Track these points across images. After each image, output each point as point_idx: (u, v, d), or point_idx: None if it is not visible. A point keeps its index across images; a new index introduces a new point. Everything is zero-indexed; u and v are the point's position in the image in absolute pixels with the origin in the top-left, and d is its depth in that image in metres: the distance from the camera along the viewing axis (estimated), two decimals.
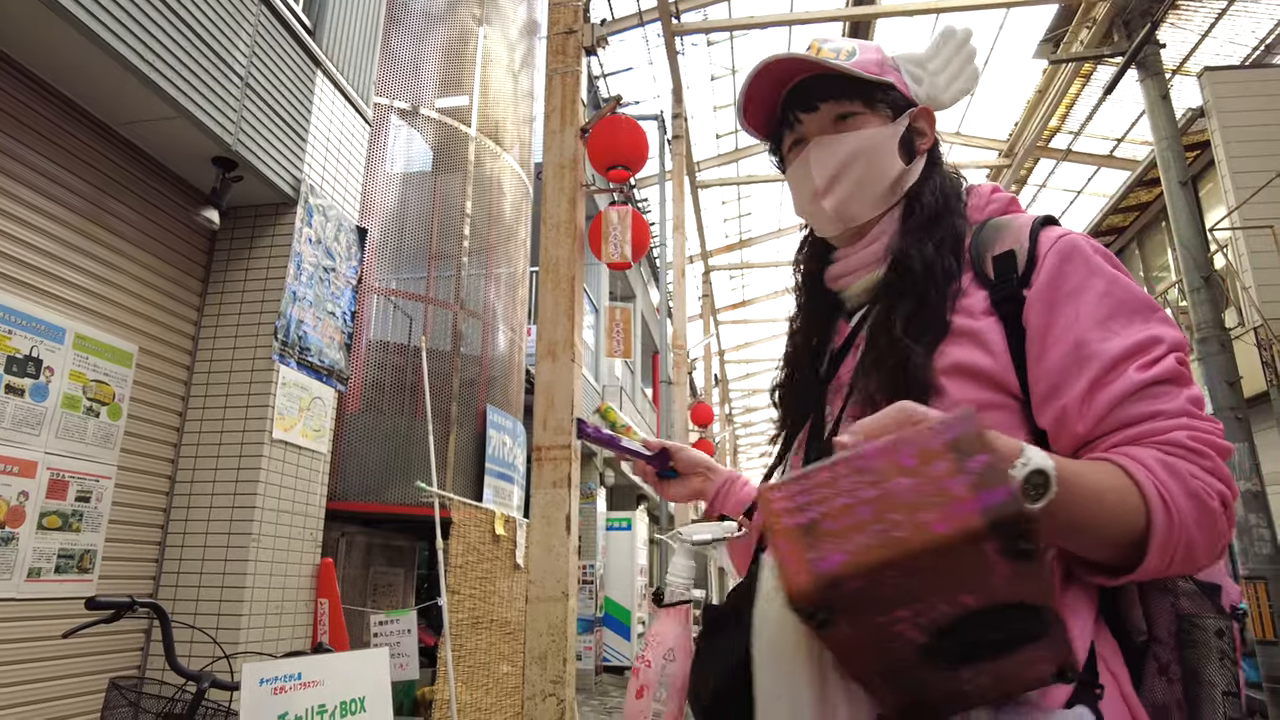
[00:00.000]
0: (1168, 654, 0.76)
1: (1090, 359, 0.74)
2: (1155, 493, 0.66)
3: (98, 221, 3.20)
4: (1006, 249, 0.82)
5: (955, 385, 0.77)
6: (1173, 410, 0.71)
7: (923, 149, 0.93)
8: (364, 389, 4.80)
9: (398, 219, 5.31)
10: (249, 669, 1.23)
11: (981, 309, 0.80)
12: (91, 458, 3.06)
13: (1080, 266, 0.78)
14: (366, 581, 5.19)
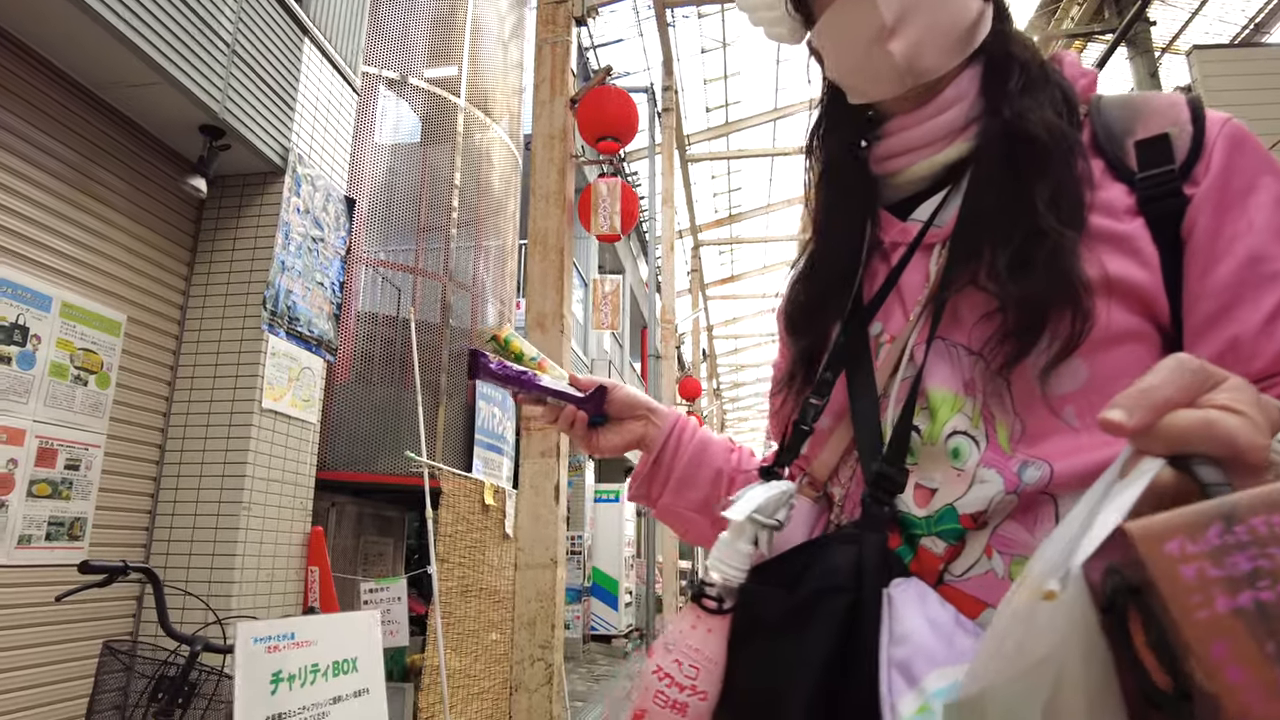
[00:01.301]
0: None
1: (1273, 279, 0.59)
2: None
3: (84, 189, 3.18)
4: (1156, 132, 0.64)
5: (1105, 306, 0.60)
6: None
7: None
8: (353, 360, 4.81)
9: (386, 190, 5.29)
10: (243, 628, 1.27)
11: (1125, 208, 0.63)
12: (80, 426, 3.07)
13: (1254, 157, 0.63)
14: (357, 551, 5.24)
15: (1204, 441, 0.38)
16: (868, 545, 0.62)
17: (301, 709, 1.37)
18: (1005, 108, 0.66)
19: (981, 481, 0.62)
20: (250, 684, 1.26)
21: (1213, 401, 0.40)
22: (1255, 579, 0.31)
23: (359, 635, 1.60)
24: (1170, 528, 0.33)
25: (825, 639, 0.58)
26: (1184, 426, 0.39)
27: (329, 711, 1.45)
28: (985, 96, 0.69)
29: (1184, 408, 0.40)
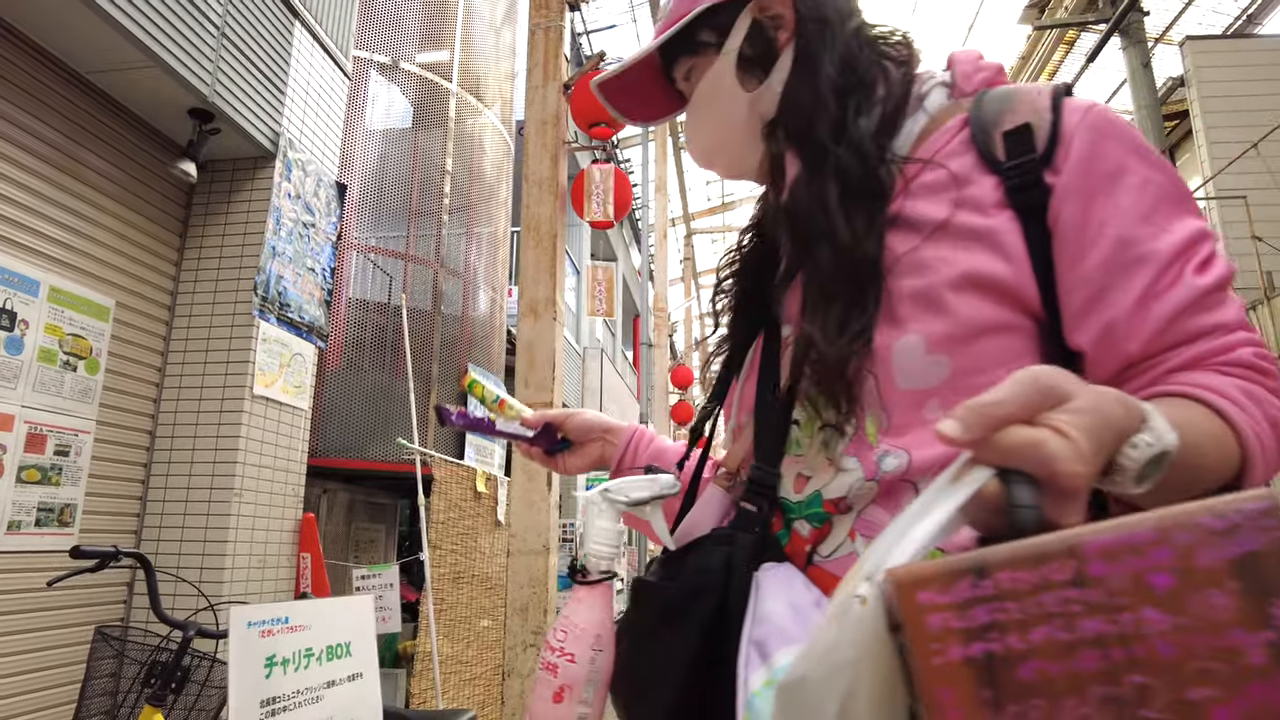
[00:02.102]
0: None
1: (1141, 261, 0.61)
2: (1252, 434, 0.55)
3: (72, 173, 3.15)
4: (1020, 122, 0.65)
5: (964, 302, 0.62)
6: (1232, 322, 0.61)
7: (785, 40, 0.74)
8: (344, 347, 4.80)
9: (377, 175, 5.26)
10: (237, 612, 1.27)
11: (993, 201, 0.64)
12: (70, 412, 3.06)
13: (1117, 143, 0.64)
14: (349, 538, 5.24)
15: (1027, 461, 0.40)
16: (738, 546, 0.68)
17: (295, 693, 1.37)
18: (782, 193, 0.73)
19: (844, 470, 0.66)
20: (244, 668, 1.27)
21: (1049, 421, 0.42)
22: (988, 631, 0.34)
23: (353, 619, 1.60)
24: (926, 577, 0.35)
25: (693, 640, 0.65)
26: (1012, 444, 0.41)
27: (323, 695, 1.46)
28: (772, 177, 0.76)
29: (1022, 423, 0.42)
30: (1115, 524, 0.35)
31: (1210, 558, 0.33)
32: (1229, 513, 0.34)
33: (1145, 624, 0.33)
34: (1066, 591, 0.34)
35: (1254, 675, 0.31)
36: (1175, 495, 0.50)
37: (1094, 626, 0.33)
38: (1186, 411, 0.56)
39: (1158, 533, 0.34)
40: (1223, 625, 0.32)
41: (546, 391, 3.18)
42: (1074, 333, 0.62)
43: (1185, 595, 0.33)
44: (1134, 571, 0.34)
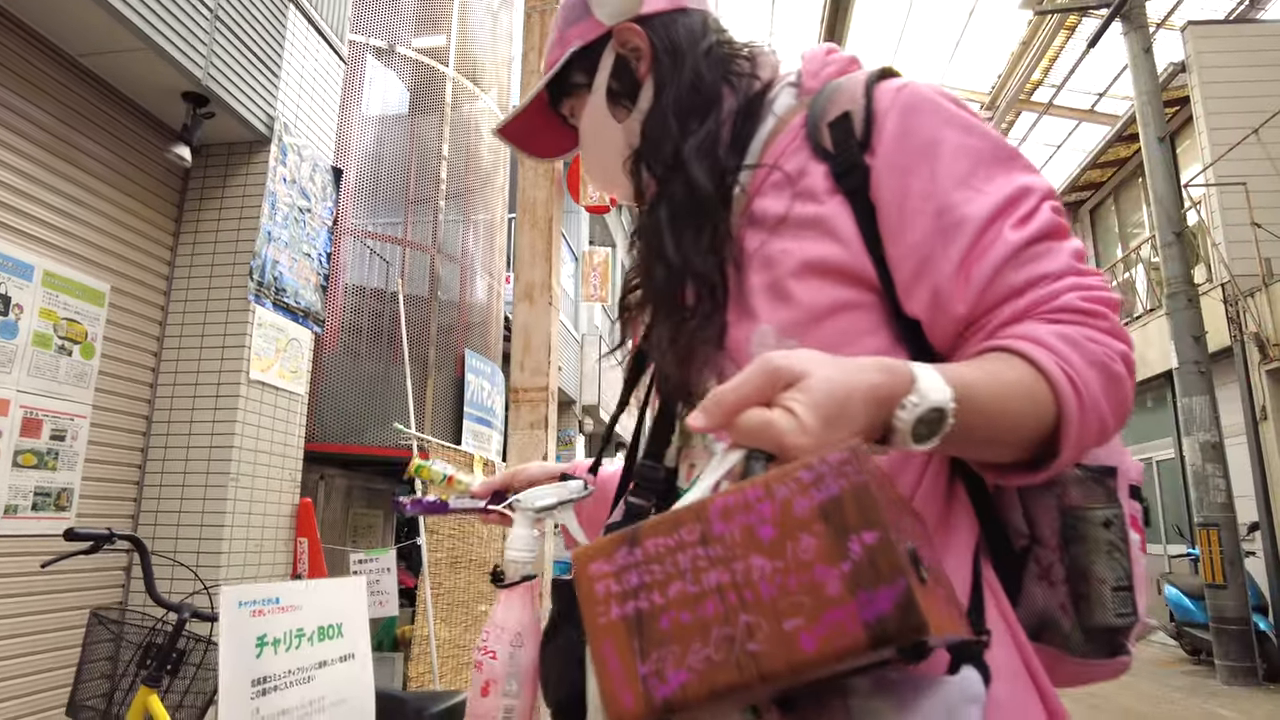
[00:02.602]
0: (1050, 555, 0.69)
1: (958, 226, 0.63)
2: (1062, 376, 0.58)
3: (65, 157, 3.14)
4: (841, 111, 0.69)
5: (805, 288, 0.67)
6: (1058, 270, 0.63)
7: (645, 70, 0.79)
8: (341, 332, 4.79)
9: (373, 161, 5.24)
10: (228, 591, 1.28)
11: (825, 189, 0.68)
12: (65, 396, 3.06)
13: (930, 117, 0.67)
14: (346, 523, 5.25)
15: (760, 440, 0.46)
16: None
17: (287, 672, 1.38)
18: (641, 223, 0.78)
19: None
20: (235, 647, 1.27)
21: (780, 401, 0.47)
22: (639, 591, 0.39)
23: (345, 600, 1.61)
24: (595, 550, 0.41)
25: (579, 642, 0.71)
26: (748, 427, 0.46)
27: (314, 675, 1.47)
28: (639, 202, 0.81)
29: (759, 406, 0.47)
30: (736, 486, 0.40)
31: (802, 506, 0.38)
32: (816, 464, 0.39)
33: (753, 570, 0.38)
34: (696, 550, 0.39)
35: (832, 603, 0.37)
36: (995, 446, 0.59)
37: (715, 577, 0.39)
38: (993, 364, 0.58)
39: (764, 490, 0.39)
40: (810, 564, 0.37)
41: (542, 376, 3.18)
42: (908, 303, 0.66)
43: (784, 541, 0.38)
44: (745, 526, 0.39)
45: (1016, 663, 0.64)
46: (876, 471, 0.41)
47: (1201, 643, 7.36)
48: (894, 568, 0.37)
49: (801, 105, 0.74)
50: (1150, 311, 9.36)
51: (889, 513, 0.39)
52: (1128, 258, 10.23)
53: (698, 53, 0.78)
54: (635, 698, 0.39)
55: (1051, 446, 0.59)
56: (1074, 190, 11.45)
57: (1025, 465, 0.62)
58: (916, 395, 0.50)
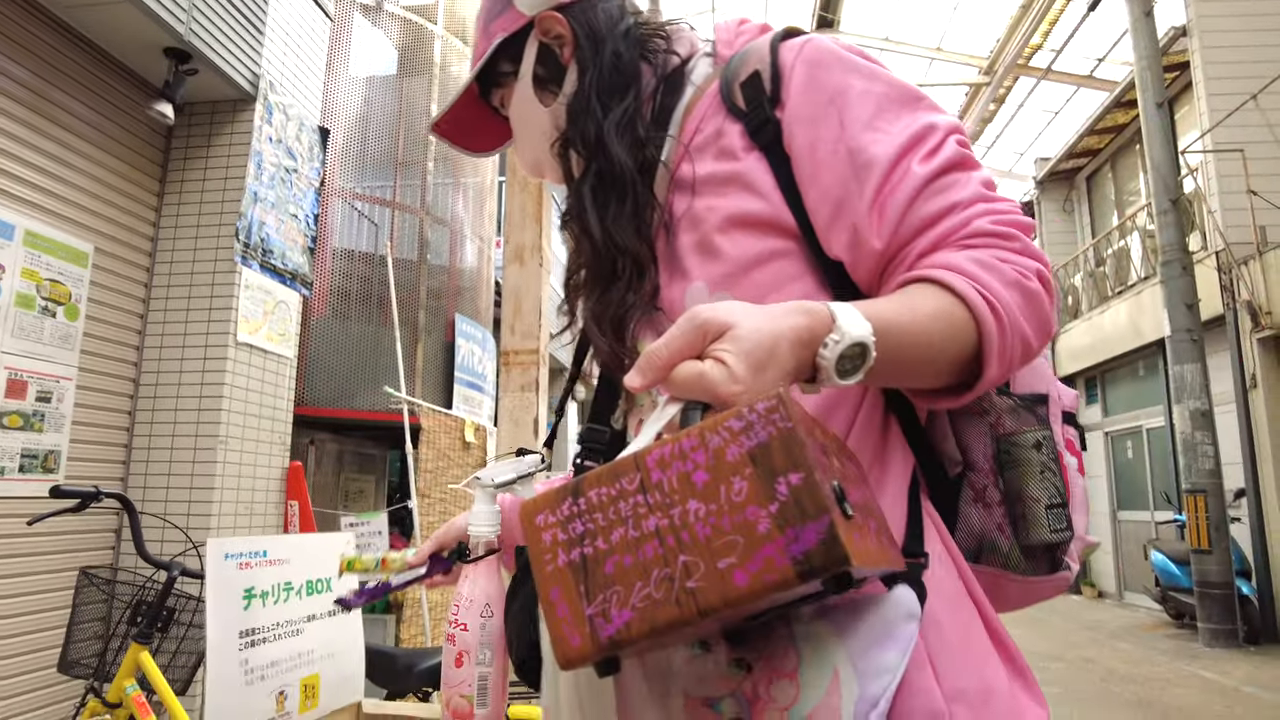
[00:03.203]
0: (984, 479, 0.73)
1: (868, 167, 0.66)
2: (979, 298, 0.60)
3: (46, 115, 3.07)
4: (751, 71, 0.73)
5: (731, 242, 0.70)
6: (968, 198, 0.66)
7: (568, 55, 0.82)
8: (330, 295, 4.75)
9: (361, 121, 5.14)
10: (213, 544, 1.27)
11: (741, 146, 0.72)
12: (50, 358, 3.02)
13: (833, 68, 0.70)
14: (338, 488, 5.26)
15: (694, 391, 0.49)
16: None
17: (275, 625, 1.38)
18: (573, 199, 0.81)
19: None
20: (221, 599, 1.27)
21: (711, 352, 0.50)
22: (583, 539, 0.42)
23: (333, 556, 1.60)
24: (540, 502, 0.44)
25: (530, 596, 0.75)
26: (681, 379, 0.49)
27: (303, 629, 1.47)
28: (568, 182, 0.84)
29: (692, 359, 0.50)
30: (672, 436, 0.43)
31: (734, 453, 0.41)
32: (745, 413, 0.42)
33: (689, 514, 0.41)
34: (636, 497, 0.42)
35: (762, 540, 0.39)
36: (921, 373, 0.62)
37: (654, 522, 0.41)
38: (911, 295, 0.61)
39: (698, 439, 0.42)
40: (742, 505, 0.40)
41: (533, 339, 3.16)
42: (829, 245, 0.69)
43: (717, 485, 0.41)
44: (681, 473, 0.41)
45: (957, 585, 0.67)
46: (804, 416, 0.44)
47: (1185, 607, 7.48)
48: (818, 505, 0.39)
49: (717, 73, 0.77)
50: (1144, 280, 9.35)
51: (816, 454, 0.42)
52: (1123, 225, 10.20)
53: (616, 35, 0.81)
54: (582, 638, 0.42)
55: (976, 367, 0.62)
56: (1071, 157, 11.38)
57: (955, 389, 0.64)
58: (837, 333, 0.53)
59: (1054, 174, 11.94)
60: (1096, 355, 10.55)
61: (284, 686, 1.39)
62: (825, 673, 0.55)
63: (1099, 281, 10.73)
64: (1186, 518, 7.10)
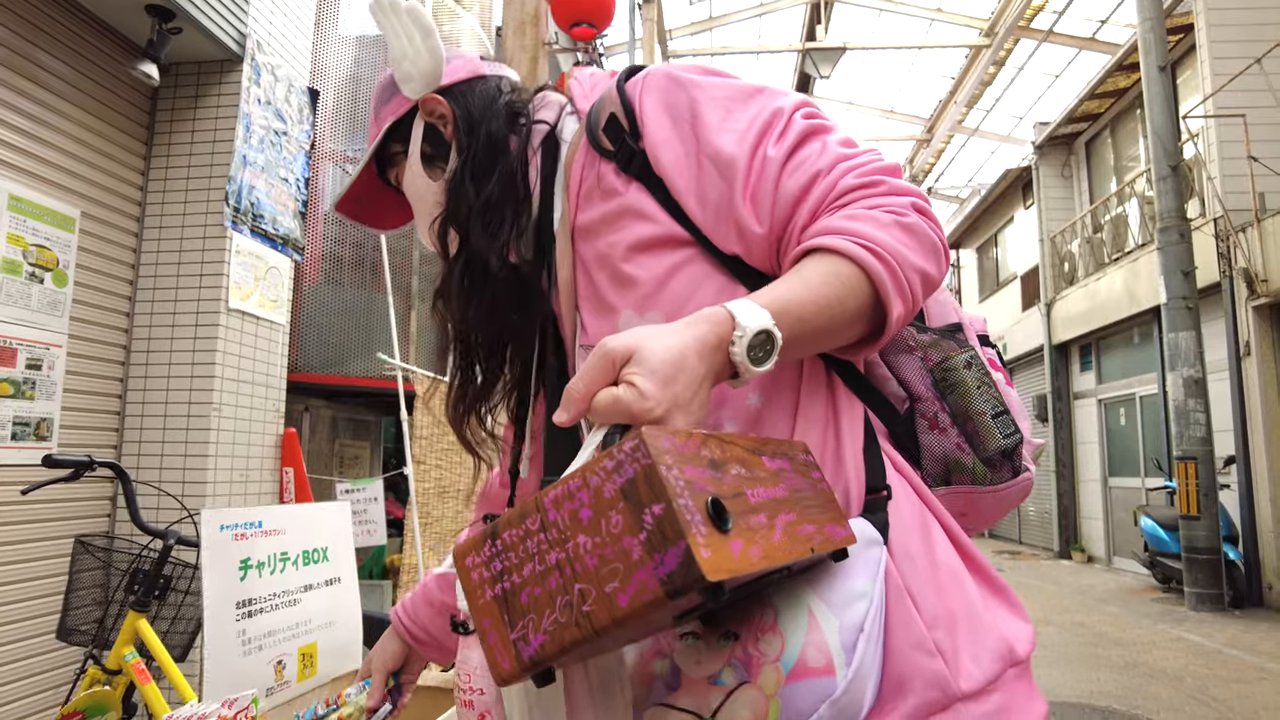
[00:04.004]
0: (933, 407, 0.80)
1: (730, 165, 0.72)
2: (858, 249, 0.65)
3: (28, 75, 2.99)
4: (608, 115, 0.79)
5: (639, 267, 0.75)
6: (827, 164, 0.70)
7: (450, 131, 0.88)
8: (322, 261, 4.70)
9: (351, 83, 5.04)
10: (208, 515, 1.26)
11: (620, 182, 0.78)
12: (39, 325, 2.99)
13: (674, 90, 0.77)
14: (333, 455, 5.25)
15: (613, 416, 0.54)
16: None
17: (272, 595, 1.37)
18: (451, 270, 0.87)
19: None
20: (217, 570, 1.26)
21: (623, 377, 0.55)
22: (502, 575, 0.49)
23: (329, 525, 1.60)
24: (468, 545, 0.51)
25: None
26: (600, 408, 0.54)
27: (300, 599, 1.46)
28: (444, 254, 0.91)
29: (608, 386, 0.55)
30: (564, 477, 0.49)
31: (609, 489, 0.46)
32: (615, 453, 0.47)
33: (580, 546, 0.46)
34: (539, 535, 0.48)
35: (636, 566, 0.44)
36: (834, 334, 0.67)
37: (554, 556, 0.47)
38: (801, 269, 0.66)
39: (581, 479, 0.47)
40: (619, 536, 0.45)
41: None
42: (722, 244, 0.74)
43: (599, 520, 0.46)
44: (571, 510, 0.47)
45: (922, 513, 0.72)
46: (680, 446, 0.49)
47: (1173, 571, 7.58)
48: (676, 532, 0.43)
49: (581, 126, 0.83)
50: (1142, 246, 9.32)
51: (695, 474, 0.47)
52: (1121, 192, 10.13)
53: (491, 114, 0.87)
54: (510, 660, 0.48)
55: (882, 311, 0.67)
56: (1071, 122, 11.26)
57: (872, 335, 0.69)
58: (739, 329, 0.58)
59: (1053, 139, 11.82)
60: (1092, 322, 10.56)
61: (282, 656, 1.39)
62: (801, 615, 0.60)
63: (1096, 248, 10.69)
64: (1177, 484, 7.17)
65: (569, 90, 0.88)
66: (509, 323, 0.85)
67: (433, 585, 1.08)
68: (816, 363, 0.75)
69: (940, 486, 0.81)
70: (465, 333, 0.87)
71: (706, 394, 0.58)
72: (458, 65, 0.91)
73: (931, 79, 14.73)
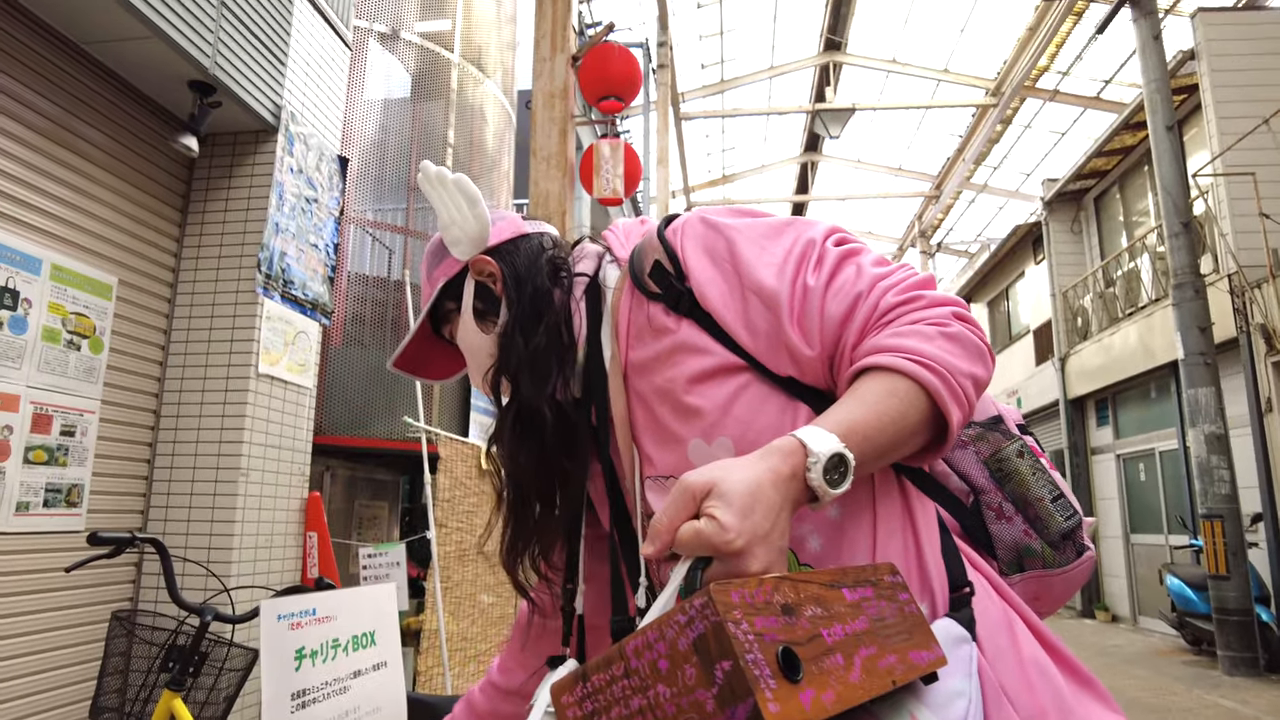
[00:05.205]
0: (996, 497, 0.84)
1: (774, 298, 0.76)
2: (910, 364, 0.68)
3: (71, 148, 3.08)
4: (653, 261, 0.85)
5: (701, 397, 0.79)
6: (866, 285, 0.74)
7: (500, 288, 0.94)
8: (345, 323, 4.75)
9: (377, 148, 5.16)
10: (266, 605, 1.25)
11: (670, 321, 0.82)
12: (74, 392, 3.02)
13: (711, 235, 0.82)
14: (351, 515, 5.23)
15: (695, 549, 0.57)
16: None
17: (324, 684, 1.36)
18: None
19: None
20: (276, 661, 1.25)
21: (703, 510, 0.58)
22: (593, 716, 0.51)
23: (376, 608, 1.59)
24: (562, 684, 0.54)
25: None
26: (683, 541, 0.57)
27: (350, 686, 1.45)
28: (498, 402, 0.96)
29: (690, 519, 0.58)
30: (643, 627, 0.51)
31: (684, 643, 0.49)
32: (687, 608, 0.49)
33: (659, 695, 0.49)
34: (623, 681, 0.51)
35: (711, 718, 0.46)
36: (899, 447, 0.70)
37: (638, 701, 0.49)
38: (859, 389, 0.69)
39: (659, 631, 0.50)
40: (693, 688, 0.47)
41: None
42: (777, 368, 0.78)
43: (675, 671, 0.48)
44: (650, 660, 0.50)
45: (1004, 610, 0.75)
46: (749, 598, 0.51)
47: (1203, 633, 7.39)
48: (744, 689, 0.46)
49: (624, 272, 0.88)
50: (1155, 301, 9.34)
51: (766, 625, 0.50)
52: (1133, 247, 10.19)
53: (535, 269, 0.93)
54: None
55: (942, 418, 0.70)
56: (1079, 179, 11.39)
57: (934, 442, 0.73)
58: (813, 456, 0.61)
59: (1062, 195, 11.95)
60: (1108, 377, 10.51)
61: None
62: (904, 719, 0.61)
63: (1109, 303, 10.71)
64: (1203, 543, 7.04)
65: (607, 241, 0.94)
66: (559, 467, 0.89)
67: (478, 699, 1.11)
68: (887, 469, 0.77)
69: (1015, 574, 0.85)
70: (518, 477, 0.91)
71: (786, 522, 0.61)
72: (502, 226, 0.98)
73: (939, 137, 14.98)
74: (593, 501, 0.94)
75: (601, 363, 0.87)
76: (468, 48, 5.65)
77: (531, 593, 0.98)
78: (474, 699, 1.11)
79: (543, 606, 1.04)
